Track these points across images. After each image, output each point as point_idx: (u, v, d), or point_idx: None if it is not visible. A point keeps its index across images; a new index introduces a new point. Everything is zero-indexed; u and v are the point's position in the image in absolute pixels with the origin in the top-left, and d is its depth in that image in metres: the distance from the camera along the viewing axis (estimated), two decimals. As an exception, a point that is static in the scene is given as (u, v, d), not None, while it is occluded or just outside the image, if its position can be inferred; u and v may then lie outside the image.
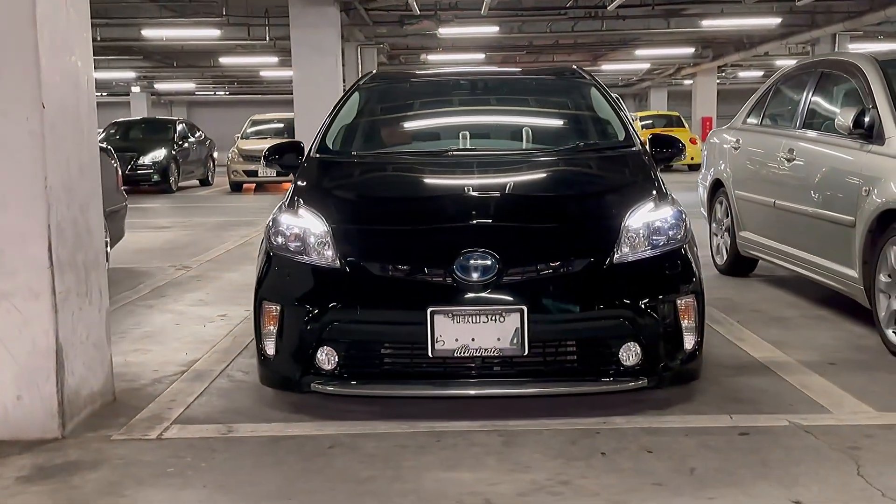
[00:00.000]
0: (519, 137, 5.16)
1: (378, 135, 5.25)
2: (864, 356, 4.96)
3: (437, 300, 3.76)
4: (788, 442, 3.64)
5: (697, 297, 4.01)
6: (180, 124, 20.39)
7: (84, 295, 4.06)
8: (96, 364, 4.18)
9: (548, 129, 5.30)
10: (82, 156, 4.07)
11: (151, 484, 3.35)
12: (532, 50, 24.03)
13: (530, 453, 3.56)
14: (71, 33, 3.99)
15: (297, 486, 3.31)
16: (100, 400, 4.21)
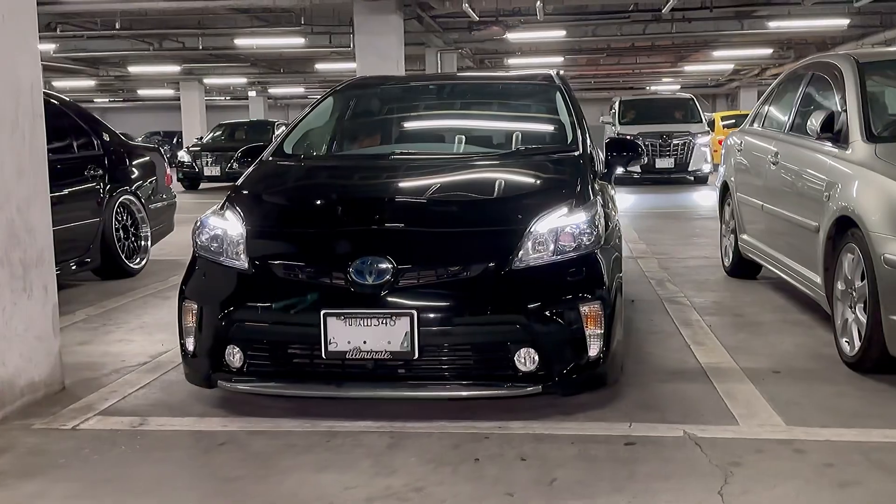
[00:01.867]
0: (467, 141, 4.96)
1: (335, 139, 5.13)
2: (816, 366, 4.59)
3: (331, 303, 3.62)
4: (670, 454, 3.37)
5: (604, 303, 3.75)
6: (280, 126, 20.74)
7: (21, 290, 4.08)
8: (39, 355, 4.21)
9: (496, 133, 5.06)
10: (21, 160, 4.09)
11: (35, 474, 3.30)
12: (611, 53, 23.49)
13: (407, 457, 3.39)
14: (10, 48, 4.00)
15: (165, 482, 3.22)
16: (43, 389, 4.23)
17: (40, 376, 4.22)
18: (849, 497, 2.99)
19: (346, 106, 5.41)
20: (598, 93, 35.21)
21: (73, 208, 7.16)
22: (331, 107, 5.34)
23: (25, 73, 4.13)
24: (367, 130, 5.32)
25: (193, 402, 4.11)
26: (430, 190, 4.16)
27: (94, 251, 7.39)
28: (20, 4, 4.08)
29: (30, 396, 4.13)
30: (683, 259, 8.30)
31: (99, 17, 16.24)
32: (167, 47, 19.59)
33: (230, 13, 16.28)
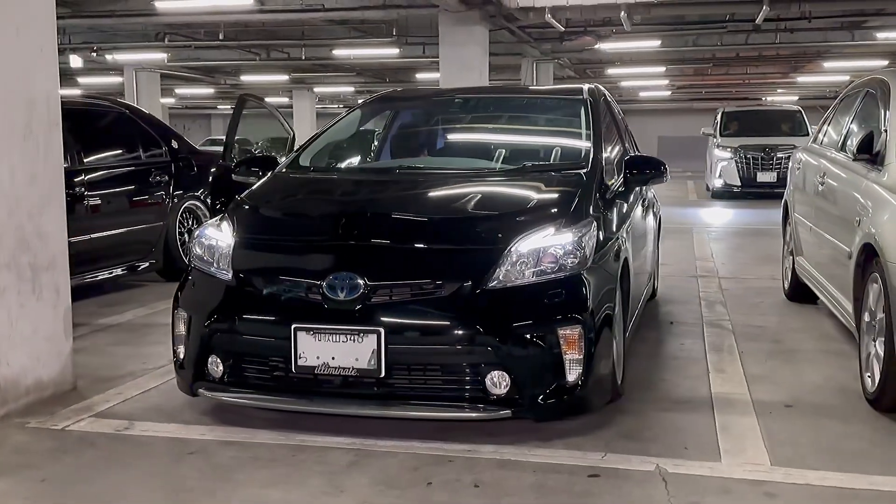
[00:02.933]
0: (478, 156, 4.85)
1: (352, 152, 5.10)
2: (836, 401, 4.27)
3: (302, 317, 3.58)
4: (630, 490, 3.18)
5: (585, 327, 3.58)
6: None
7: (30, 293, 4.21)
8: (47, 356, 4.33)
9: (508, 149, 4.91)
10: (35, 167, 4.22)
11: (8, 473, 3.37)
12: (718, 63, 22.77)
13: (361, 477, 3.31)
14: (24, 60, 4.13)
15: (121, 490, 3.22)
16: (52, 388, 4.35)
17: (49, 376, 4.34)
18: (800, 550, 2.75)
19: (370, 119, 5.38)
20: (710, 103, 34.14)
21: (137, 212, 7.41)
22: (357, 120, 5.31)
23: (41, 83, 4.26)
24: (384, 144, 5.26)
25: (186, 409, 4.14)
26: (415, 206, 4.08)
27: (156, 253, 7.61)
28: (35, 16, 4.20)
29: (36, 395, 4.25)
30: (748, 280, 7.92)
31: (202, 28, 16.79)
32: (274, 57, 20.08)
33: (328, 25, 16.55)
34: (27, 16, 4.15)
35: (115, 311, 6.52)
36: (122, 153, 7.57)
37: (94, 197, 6.88)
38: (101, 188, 7.01)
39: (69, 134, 6.80)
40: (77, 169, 6.80)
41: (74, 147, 6.84)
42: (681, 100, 35.79)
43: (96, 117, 7.64)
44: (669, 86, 29.54)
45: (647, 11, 12.75)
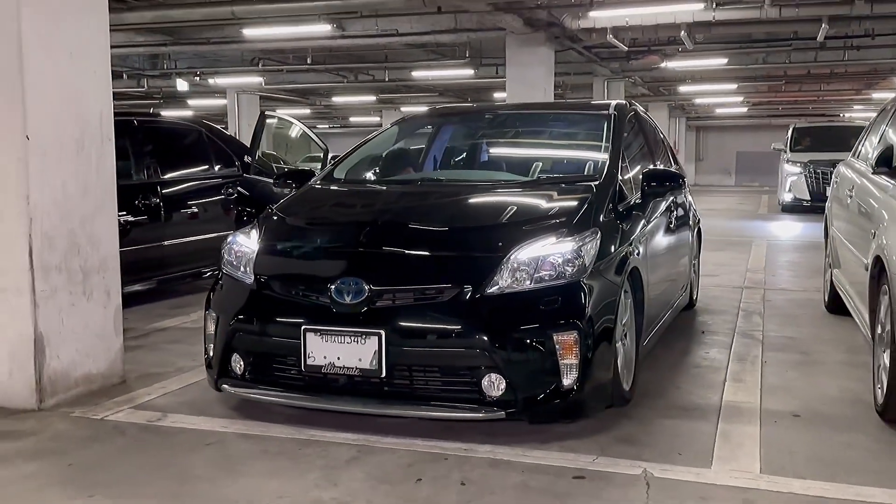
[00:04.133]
0: (499, 168, 4.79)
1: (384, 166, 5.10)
2: (845, 412, 4.05)
3: (311, 320, 3.61)
4: (610, 492, 3.08)
5: (581, 333, 3.51)
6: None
7: (81, 294, 4.35)
8: (97, 351, 4.47)
9: (528, 162, 4.83)
10: (88, 179, 4.37)
11: (41, 457, 3.50)
12: (791, 80, 22.05)
13: (357, 471, 3.30)
14: (79, 81, 4.29)
15: (135, 475, 3.30)
16: (100, 381, 4.48)
17: (98, 370, 4.48)
18: (762, 557, 2.62)
19: (407, 135, 5.39)
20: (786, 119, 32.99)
21: (209, 220, 7.60)
22: (393, 136, 5.33)
23: (94, 102, 4.41)
24: (414, 158, 5.25)
25: (216, 404, 4.21)
26: (423, 216, 4.06)
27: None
28: (88, 43, 4.35)
29: (85, 387, 4.39)
30: (793, 292, 7.62)
31: (291, 53, 17.15)
32: (361, 79, 20.36)
33: (407, 48, 16.69)
34: (80, 43, 4.30)
35: (180, 313, 6.69)
36: (197, 168, 7.78)
37: (169, 207, 7.08)
38: (176, 199, 7.22)
39: (150, 150, 7.11)
40: (155, 181, 7.02)
41: (154, 162, 7.08)
42: (758, 116, 34.79)
43: (176, 135, 7.87)
44: (745, 102, 28.72)
45: (708, 30, 12.43)
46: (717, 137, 39.94)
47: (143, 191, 6.86)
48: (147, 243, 6.85)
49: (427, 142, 5.29)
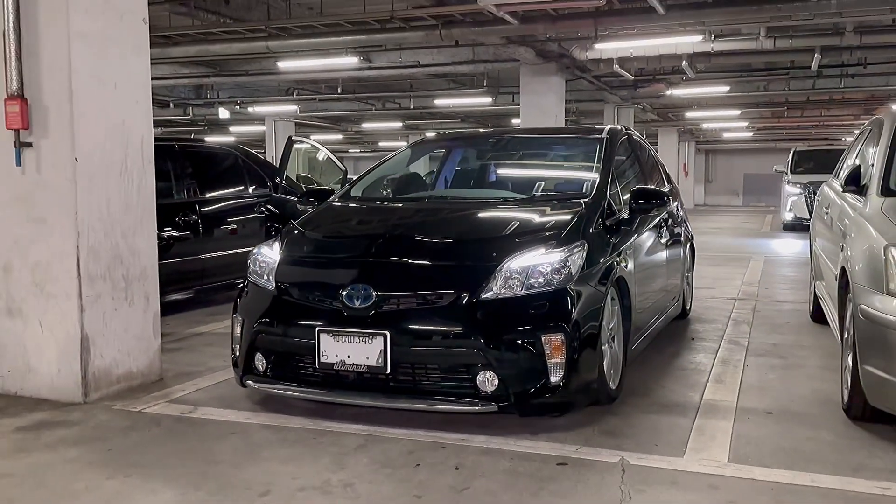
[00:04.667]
0: (498, 186, 4.96)
1: (398, 185, 5.29)
2: (814, 411, 4.14)
3: (325, 322, 3.80)
4: (589, 477, 3.22)
5: (567, 335, 3.65)
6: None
7: (123, 299, 4.57)
8: (137, 351, 4.67)
9: (528, 179, 5.00)
10: (129, 197, 4.59)
11: (84, 443, 3.70)
12: (792, 106, 22.03)
13: (363, 457, 3.46)
14: (122, 109, 4.52)
15: (165, 459, 3.49)
16: (140, 379, 4.68)
17: (137, 368, 4.69)
18: (718, 533, 2.75)
19: (418, 157, 5.58)
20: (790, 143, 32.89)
21: (243, 236, 7.81)
22: (406, 158, 5.52)
23: (136, 128, 4.63)
24: (424, 177, 5.43)
25: (243, 399, 4.40)
26: (427, 230, 4.22)
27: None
28: (131, 74, 4.58)
29: (125, 384, 4.59)
30: (782, 304, 7.69)
31: (324, 83, 17.46)
32: (388, 107, 20.66)
33: (430, 78, 16.94)
34: (124, 74, 4.53)
35: (215, 320, 6.90)
36: (233, 188, 8.02)
37: (207, 224, 7.32)
38: (214, 217, 7.45)
39: (190, 172, 7.36)
40: (194, 201, 7.26)
41: (193, 183, 7.32)
42: (763, 140, 34.72)
43: (213, 159, 8.12)
44: (750, 127, 28.69)
45: (708, 60, 12.55)
46: (725, 160, 39.85)
47: (183, 209, 7.10)
48: (187, 256, 7.08)
49: (438, 163, 5.47)
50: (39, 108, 4.29)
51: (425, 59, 13.15)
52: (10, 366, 4.52)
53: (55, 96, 4.26)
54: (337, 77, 15.83)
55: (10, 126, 4.28)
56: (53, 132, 4.27)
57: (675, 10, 8.98)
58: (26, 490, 3.18)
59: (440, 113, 22.49)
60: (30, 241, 4.39)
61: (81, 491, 3.15)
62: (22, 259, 4.43)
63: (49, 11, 4.24)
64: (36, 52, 4.28)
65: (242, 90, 19.27)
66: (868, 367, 3.58)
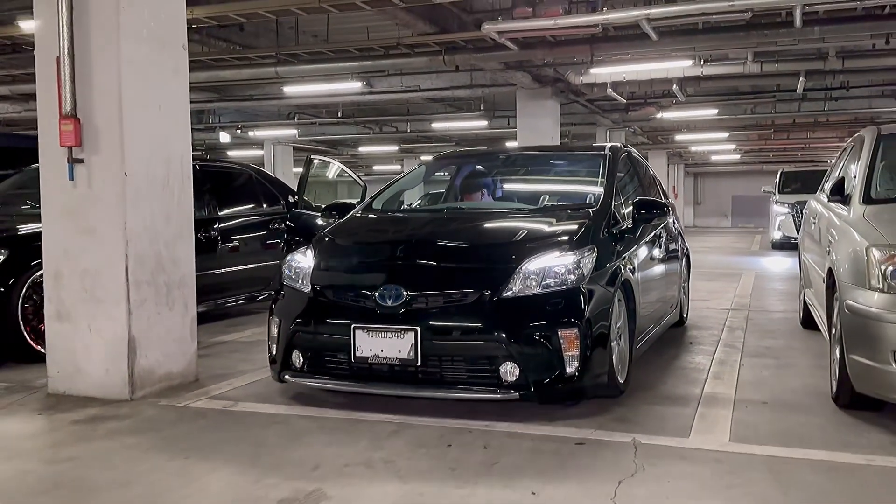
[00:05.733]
0: (513, 199, 5.35)
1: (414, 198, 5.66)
2: (806, 401, 4.51)
3: (359, 319, 4.15)
4: (605, 453, 3.57)
5: (580, 329, 4.01)
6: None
7: (164, 304, 4.91)
8: (176, 353, 5.00)
9: (537, 192, 5.40)
10: (170, 209, 4.94)
11: (140, 433, 4.03)
12: (778, 129, 22.61)
13: (398, 441, 3.80)
14: (165, 129, 4.87)
15: (218, 444, 3.81)
16: (179, 379, 5.00)
17: (177, 369, 5.01)
18: (718, 493, 3.10)
19: (432, 173, 5.96)
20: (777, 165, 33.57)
21: (259, 251, 8.16)
22: (422, 174, 5.90)
23: (177, 147, 5.00)
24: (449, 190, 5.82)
25: (277, 395, 4.73)
26: (450, 236, 4.60)
27: (273, 286, 8.33)
28: (173, 96, 4.95)
29: (166, 383, 4.91)
30: (773, 312, 8.08)
31: (324, 108, 17.90)
32: (385, 131, 21.12)
33: (428, 102, 17.40)
34: (166, 96, 4.91)
35: (237, 330, 7.23)
36: (249, 206, 8.38)
37: (226, 240, 7.66)
38: (232, 233, 7.79)
39: (209, 189, 7.71)
40: (213, 217, 7.60)
41: (213, 200, 7.67)
42: (750, 162, 35.38)
43: (230, 177, 8.47)
44: (738, 150, 29.30)
45: (698, 84, 13.04)
46: (713, 182, 40.52)
47: (203, 225, 7.44)
48: (206, 270, 7.40)
49: (457, 177, 5.86)
50: (91, 127, 4.66)
51: (425, 84, 13.59)
52: (59, 367, 4.84)
53: (106, 117, 4.63)
54: (338, 101, 16.26)
55: (63, 143, 4.64)
56: (104, 149, 4.63)
57: (667, 37, 9.45)
58: (96, 471, 3.50)
59: (435, 136, 22.96)
60: (80, 251, 4.73)
61: (148, 470, 3.48)
62: (71, 267, 4.76)
63: (101, 39, 4.61)
64: (88, 76, 4.65)
65: (242, 115, 19.69)
66: (854, 356, 3.95)
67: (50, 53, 4.70)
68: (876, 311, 3.76)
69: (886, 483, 3.21)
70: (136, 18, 4.68)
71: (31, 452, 3.82)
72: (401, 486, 3.23)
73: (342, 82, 12.64)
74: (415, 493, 3.14)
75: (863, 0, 7.41)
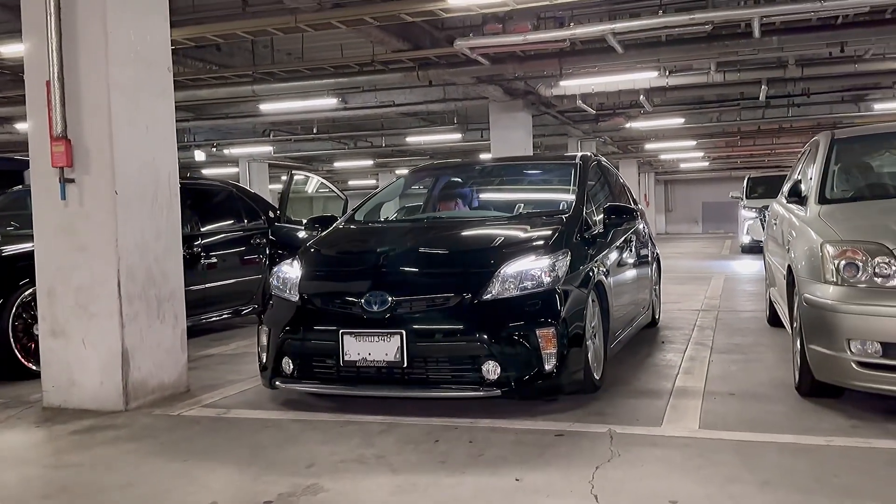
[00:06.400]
0: (493, 207, 5.58)
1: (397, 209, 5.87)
2: (771, 392, 4.75)
3: (347, 325, 4.34)
4: (583, 443, 3.78)
5: (557, 329, 4.23)
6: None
7: (155, 317, 5.06)
8: (168, 365, 5.15)
9: (516, 201, 5.63)
10: (159, 225, 5.11)
11: (137, 440, 4.18)
12: (744, 136, 23.13)
13: (389, 437, 3.99)
14: (152, 148, 5.04)
15: (215, 447, 3.98)
16: (171, 389, 5.15)
17: (169, 380, 5.16)
18: (688, 473, 3.32)
19: (412, 184, 6.18)
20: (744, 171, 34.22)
21: (241, 266, 8.31)
22: (401, 186, 6.12)
23: (164, 165, 5.17)
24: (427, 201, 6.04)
25: (268, 402, 4.90)
26: (431, 243, 4.81)
27: (256, 300, 8.48)
28: (160, 117, 5.13)
29: (159, 394, 5.06)
30: (742, 312, 8.37)
31: (299, 125, 18.09)
32: (360, 146, 21.33)
33: (402, 117, 17.65)
34: (153, 117, 5.08)
35: (222, 344, 7.38)
36: (231, 222, 8.53)
37: (209, 255, 7.80)
38: (215, 249, 7.94)
39: (192, 206, 7.85)
40: (196, 233, 7.75)
41: (195, 216, 7.82)
42: (719, 169, 36.03)
43: (211, 194, 8.63)
44: (706, 157, 29.88)
45: (664, 94, 13.40)
46: (683, 190, 41.16)
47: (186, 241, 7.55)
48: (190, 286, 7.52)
49: (434, 188, 6.08)
50: (81, 147, 4.82)
51: (399, 99, 13.83)
52: (54, 381, 4.97)
53: (96, 137, 4.79)
54: (313, 118, 16.47)
55: (55, 164, 4.80)
56: (95, 169, 4.79)
57: (633, 49, 9.77)
58: (100, 474, 3.65)
59: (410, 150, 23.22)
60: (72, 267, 4.88)
61: (150, 472, 3.64)
62: (65, 284, 4.91)
63: (89, 63, 4.78)
64: (77, 99, 4.81)
65: (217, 133, 19.83)
66: (812, 346, 4.20)
67: (39, 77, 4.87)
68: (831, 303, 4.01)
69: (846, 459, 3.45)
70: (124, 42, 4.86)
71: (33, 460, 3.96)
72: (394, 477, 3.42)
73: (318, 99, 12.84)
74: (408, 484, 3.33)
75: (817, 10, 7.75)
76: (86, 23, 4.78)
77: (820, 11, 7.83)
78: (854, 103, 17.53)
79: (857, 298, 3.92)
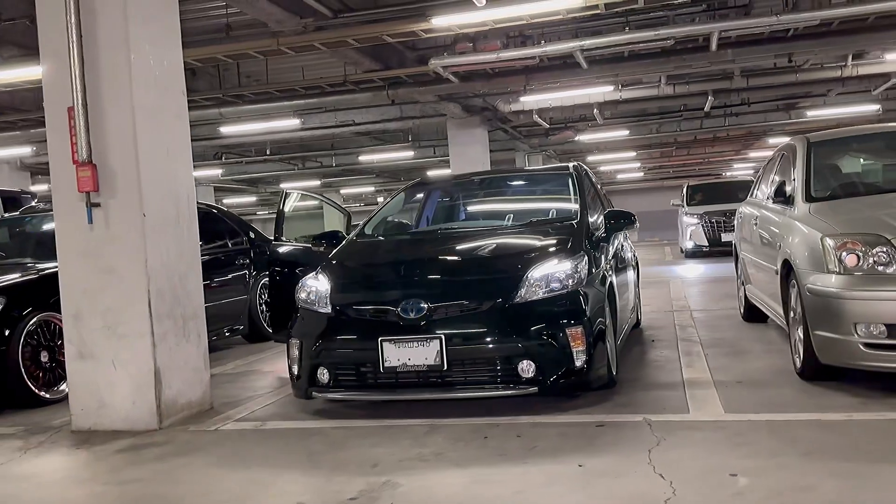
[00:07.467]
0: (499, 217, 5.84)
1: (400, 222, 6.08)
2: (774, 378, 5.12)
3: (386, 332, 4.52)
4: (625, 431, 4.05)
5: (585, 327, 4.50)
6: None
7: (182, 336, 5.14)
8: (194, 382, 5.23)
9: (520, 211, 5.92)
10: (182, 245, 5.20)
11: (185, 454, 4.27)
12: (680, 146, 24.01)
13: (437, 437, 4.17)
14: (173, 170, 5.14)
15: (271, 456, 4.10)
16: (197, 407, 5.23)
17: (195, 397, 5.24)
18: (734, 450, 3.62)
19: (413, 199, 6.40)
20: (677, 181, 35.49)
21: (228, 288, 8.35)
22: (402, 200, 6.32)
23: (183, 187, 5.27)
24: (426, 214, 6.26)
25: (299, 413, 5.03)
26: (458, 252, 5.04)
27: (242, 320, 8.53)
28: (179, 141, 5.23)
29: (187, 412, 5.13)
30: (713, 311, 8.79)
31: (252, 147, 18.08)
32: (309, 166, 21.39)
33: (355, 136, 17.82)
34: (174, 141, 5.18)
35: (219, 364, 7.41)
36: (214, 243, 8.57)
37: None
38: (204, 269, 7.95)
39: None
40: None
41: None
42: (652, 179, 37.15)
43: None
44: (641, 168, 30.84)
45: (615, 107, 13.93)
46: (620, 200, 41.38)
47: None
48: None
49: (430, 202, 6.31)
50: (107, 172, 4.89)
51: (358, 118, 14.01)
52: (83, 404, 5.00)
53: (121, 161, 4.87)
54: (267, 139, 16.50)
55: (81, 189, 4.85)
56: (122, 192, 4.86)
57: (596, 65, 10.20)
58: (167, 486, 3.74)
59: (356, 169, 23.36)
60: (99, 289, 4.93)
61: (217, 481, 3.75)
62: (92, 306, 4.95)
63: (113, 88, 4.87)
64: (101, 123, 4.88)
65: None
66: (818, 332, 4.56)
67: (60, 103, 4.93)
68: (836, 291, 4.38)
69: (870, 431, 3.80)
70: (145, 67, 4.96)
71: (91, 479, 4.02)
72: (461, 471, 3.62)
73: (281, 120, 12.92)
74: (478, 475, 3.53)
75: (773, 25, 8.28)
76: (108, 49, 4.87)
77: (775, 25, 8.36)
78: (786, 111, 18.45)
79: (862, 285, 4.29)
